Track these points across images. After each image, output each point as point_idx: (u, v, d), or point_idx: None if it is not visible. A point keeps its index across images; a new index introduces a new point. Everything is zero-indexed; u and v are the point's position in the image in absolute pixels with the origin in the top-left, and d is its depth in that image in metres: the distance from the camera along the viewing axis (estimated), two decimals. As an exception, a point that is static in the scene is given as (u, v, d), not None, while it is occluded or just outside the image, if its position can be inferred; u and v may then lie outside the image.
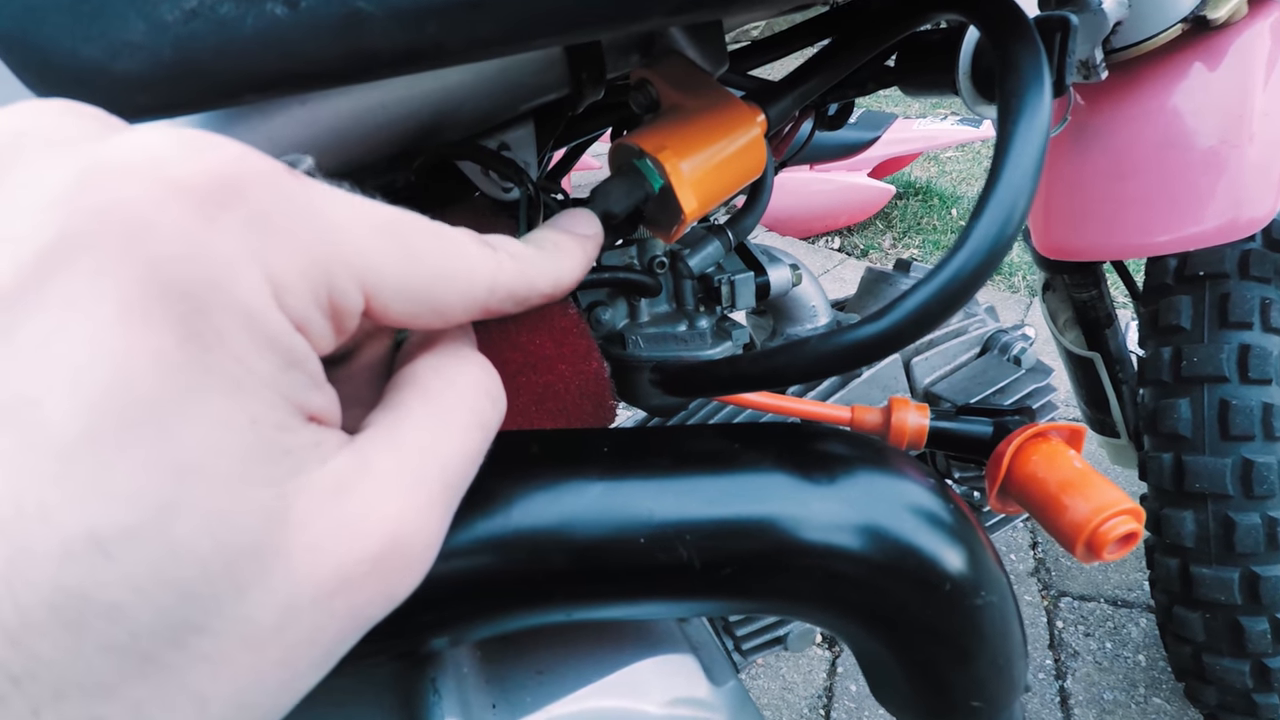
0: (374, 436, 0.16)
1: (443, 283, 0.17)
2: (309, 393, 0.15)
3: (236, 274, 0.13)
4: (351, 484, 0.15)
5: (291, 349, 0.14)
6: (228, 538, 0.13)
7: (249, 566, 0.13)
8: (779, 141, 0.53)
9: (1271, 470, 0.74)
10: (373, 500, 0.15)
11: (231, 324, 0.13)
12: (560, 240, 0.23)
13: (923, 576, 0.27)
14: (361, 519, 0.15)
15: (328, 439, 0.15)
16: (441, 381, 0.18)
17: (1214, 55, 0.62)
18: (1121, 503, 0.34)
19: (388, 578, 0.15)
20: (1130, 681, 1.19)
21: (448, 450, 0.17)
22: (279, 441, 0.14)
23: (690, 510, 0.26)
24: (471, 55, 0.23)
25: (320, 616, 0.14)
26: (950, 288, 0.24)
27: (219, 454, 0.13)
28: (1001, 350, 0.52)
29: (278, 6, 0.20)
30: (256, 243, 0.14)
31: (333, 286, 0.15)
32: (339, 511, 0.14)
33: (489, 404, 0.19)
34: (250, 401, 0.13)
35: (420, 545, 0.16)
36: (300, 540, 0.14)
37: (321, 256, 0.15)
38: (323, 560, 0.14)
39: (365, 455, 0.15)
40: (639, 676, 0.31)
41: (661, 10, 0.22)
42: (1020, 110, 0.25)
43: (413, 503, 0.16)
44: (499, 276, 0.19)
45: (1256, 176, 0.60)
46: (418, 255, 0.17)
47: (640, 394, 0.44)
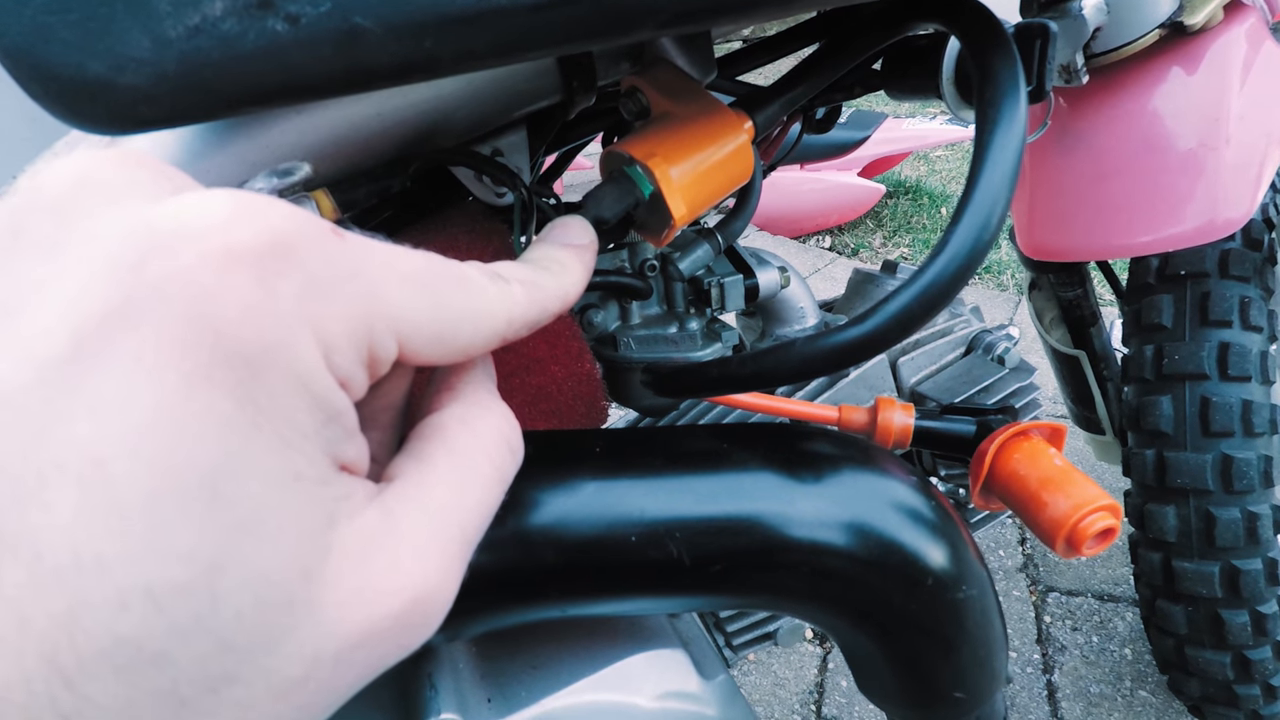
0: (400, 492, 0.17)
1: (467, 323, 0.18)
2: (344, 444, 0.16)
3: (292, 338, 0.14)
4: (379, 541, 0.15)
5: (333, 404, 0.15)
6: (266, 593, 0.13)
7: (283, 620, 0.13)
8: (767, 145, 0.54)
9: (1251, 466, 0.76)
10: (399, 559, 0.15)
11: (284, 386, 0.14)
12: (560, 256, 0.24)
13: (906, 571, 0.28)
14: (387, 578, 0.15)
15: (357, 491, 0.16)
16: (466, 434, 0.19)
17: (1191, 60, 0.63)
18: (1100, 499, 0.35)
19: (406, 633, 0.16)
20: (1117, 675, 1.21)
21: (469, 505, 0.17)
22: (317, 496, 0.14)
23: (680, 508, 0.27)
24: (465, 67, 0.23)
25: (341, 668, 0.15)
26: (931, 291, 0.25)
27: (265, 512, 0.13)
28: (986, 350, 0.53)
29: (278, 23, 0.20)
30: (310, 307, 0.14)
31: (373, 341, 0.16)
32: (367, 569, 0.15)
33: (509, 455, 0.20)
34: (295, 458, 0.14)
35: (439, 601, 0.16)
36: (331, 597, 0.14)
37: (364, 314, 0.15)
38: (349, 617, 0.14)
39: (392, 512, 0.16)
40: (631, 671, 0.32)
41: (651, 24, 0.23)
42: (997, 118, 0.26)
43: (435, 561, 0.16)
44: (514, 309, 0.20)
45: (1233, 178, 0.61)
46: (444, 301, 0.17)
47: (632, 395, 0.44)
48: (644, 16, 0.22)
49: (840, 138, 2.68)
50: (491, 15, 0.21)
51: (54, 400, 0.12)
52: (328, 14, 0.20)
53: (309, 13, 0.20)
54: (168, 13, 0.20)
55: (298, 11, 0.20)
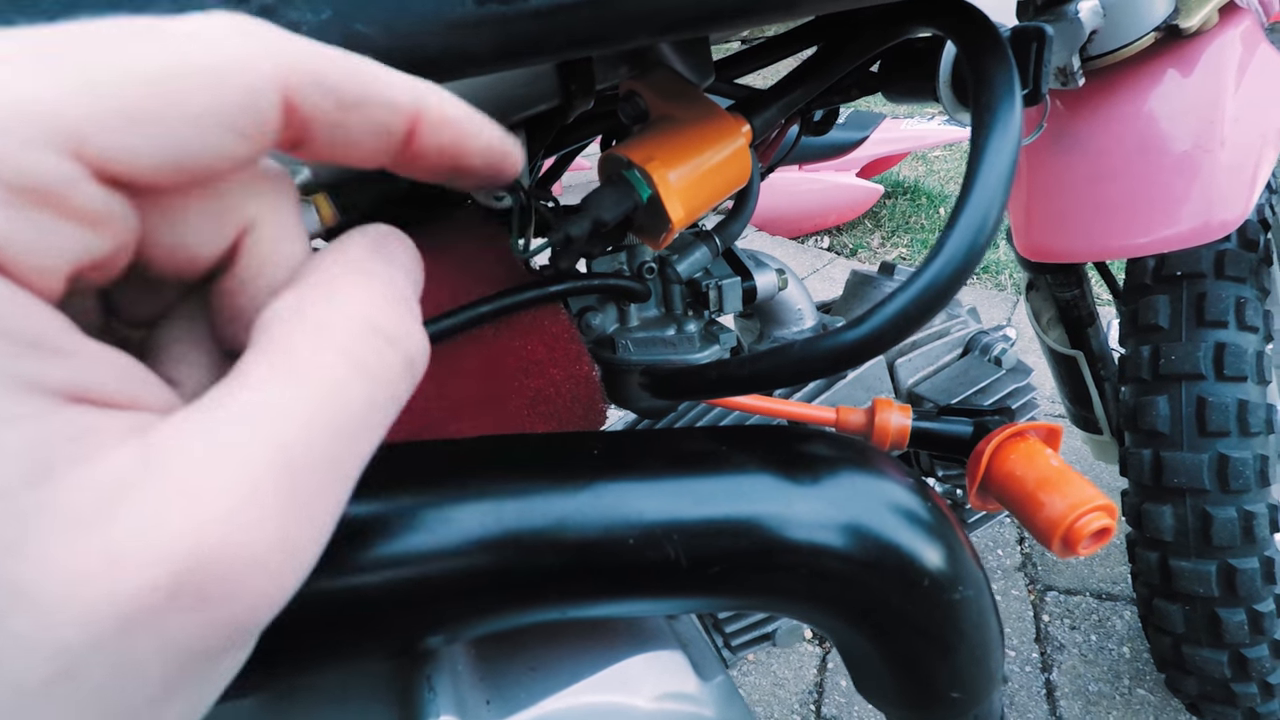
0: (186, 418, 0.12)
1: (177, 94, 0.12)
2: (36, 361, 0.11)
3: None
4: (130, 491, 0.11)
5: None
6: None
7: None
8: (765, 148, 0.54)
9: (1246, 465, 0.76)
10: (161, 509, 0.11)
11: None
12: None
13: (902, 572, 0.28)
14: (147, 536, 0.11)
15: (100, 428, 0.12)
16: (300, 323, 0.13)
17: (1187, 63, 0.63)
18: (1095, 499, 0.36)
19: (206, 604, 0.11)
20: (1115, 673, 1.21)
21: (297, 419, 0.12)
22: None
23: (678, 510, 0.27)
24: (466, 72, 0.23)
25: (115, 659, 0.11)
26: (928, 294, 0.25)
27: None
28: (983, 351, 0.53)
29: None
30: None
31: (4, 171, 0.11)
32: (112, 532, 0.11)
33: (382, 345, 0.14)
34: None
35: (252, 553, 0.12)
36: (54, 576, 0.10)
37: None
38: (93, 600, 0.11)
39: (156, 446, 0.12)
40: (629, 672, 0.32)
41: (649, 30, 0.23)
42: (992, 123, 0.26)
43: (226, 502, 0.11)
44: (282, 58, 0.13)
45: (1228, 180, 0.61)
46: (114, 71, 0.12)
47: (630, 397, 0.45)
48: (642, 23, 0.22)
49: (839, 138, 2.68)
50: (493, 22, 0.21)
51: None
52: (329, 21, 0.21)
53: (310, 20, 0.20)
54: (169, 20, 0.20)
55: (299, 18, 0.20)
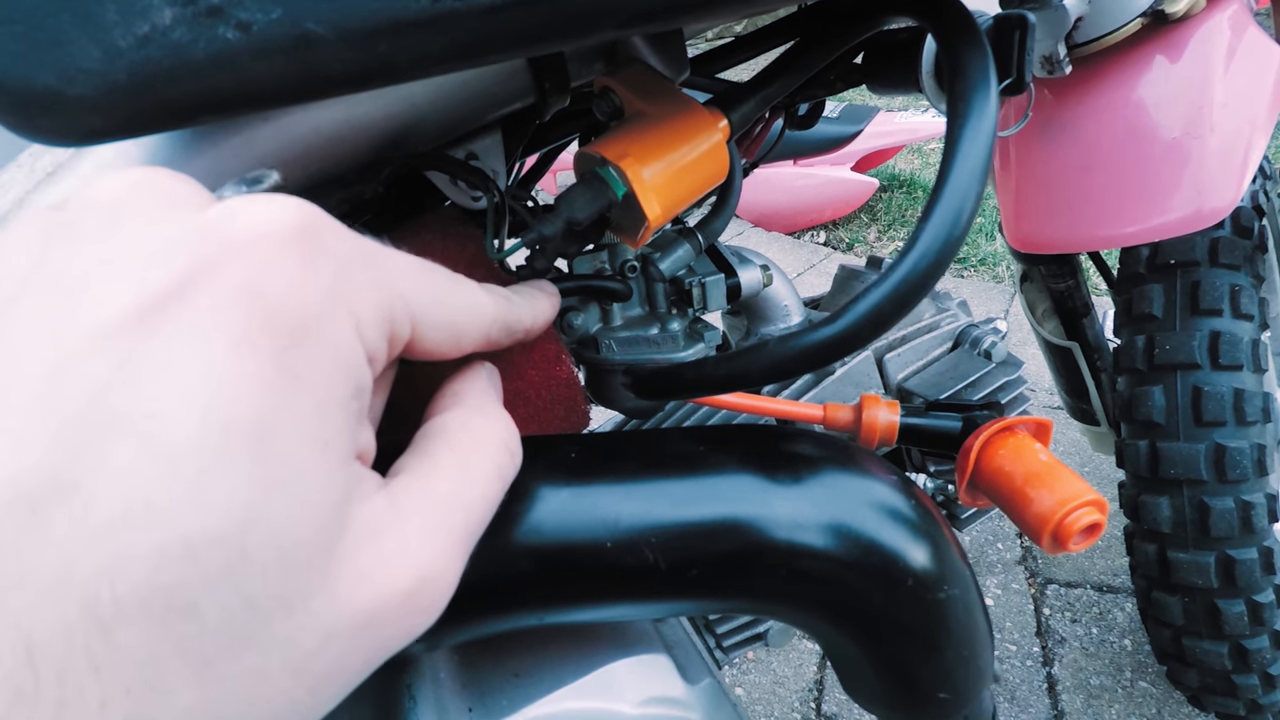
0: (407, 483, 0.18)
1: (464, 316, 0.21)
2: (361, 426, 0.17)
3: (330, 311, 0.16)
4: (388, 525, 0.16)
5: (361, 377, 0.16)
6: (289, 552, 0.14)
7: (301, 585, 0.14)
8: (749, 142, 0.54)
9: (1243, 455, 0.75)
10: (406, 542, 0.16)
11: (321, 355, 0.15)
12: (534, 292, 0.28)
13: (886, 572, 0.28)
14: (396, 560, 0.16)
15: (368, 477, 0.17)
16: (469, 435, 0.20)
17: (1174, 48, 0.63)
18: (1085, 494, 0.35)
19: (411, 615, 0.16)
20: (1116, 666, 1.21)
21: (471, 499, 0.19)
22: (341, 468, 0.15)
23: (656, 514, 0.27)
24: (425, 72, 0.23)
25: (350, 646, 0.15)
26: (902, 289, 0.25)
27: (297, 472, 0.14)
28: (972, 345, 0.52)
29: (229, 31, 0.20)
30: (344, 285, 0.16)
31: (394, 319, 0.18)
32: (378, 549, 0.16)
33: (509, 458, 0.21)
34: (327, 425, 0.15)
35: (442, 586, 0.17)
36: (344, 571, 0.15)
37: (388, 295, 0.18)
38: (360, 593, 0.15)
39: (399, 500, 0.17)
40: (614, 677, 0.31)
41: (610, 25, 0.23)
42: (967, 114, 0.26)
43: (439, 547, 0.17)
44: (498, 309, 0.23)
45: (1218, 166, 0.61)
46: (445, 292, 0.20)
47: (615, 397, 0.44)
48: (602, 17, 0.22)
49: (833, 132, 2.68)
50: (446, 19, 0.21)
51: (117, 361, 0.13)
52: (279, 21, 0.20)
53: (260, 20, 0.20)
54: (115, 22, 0.19)
55: (249, 19, 0.20)
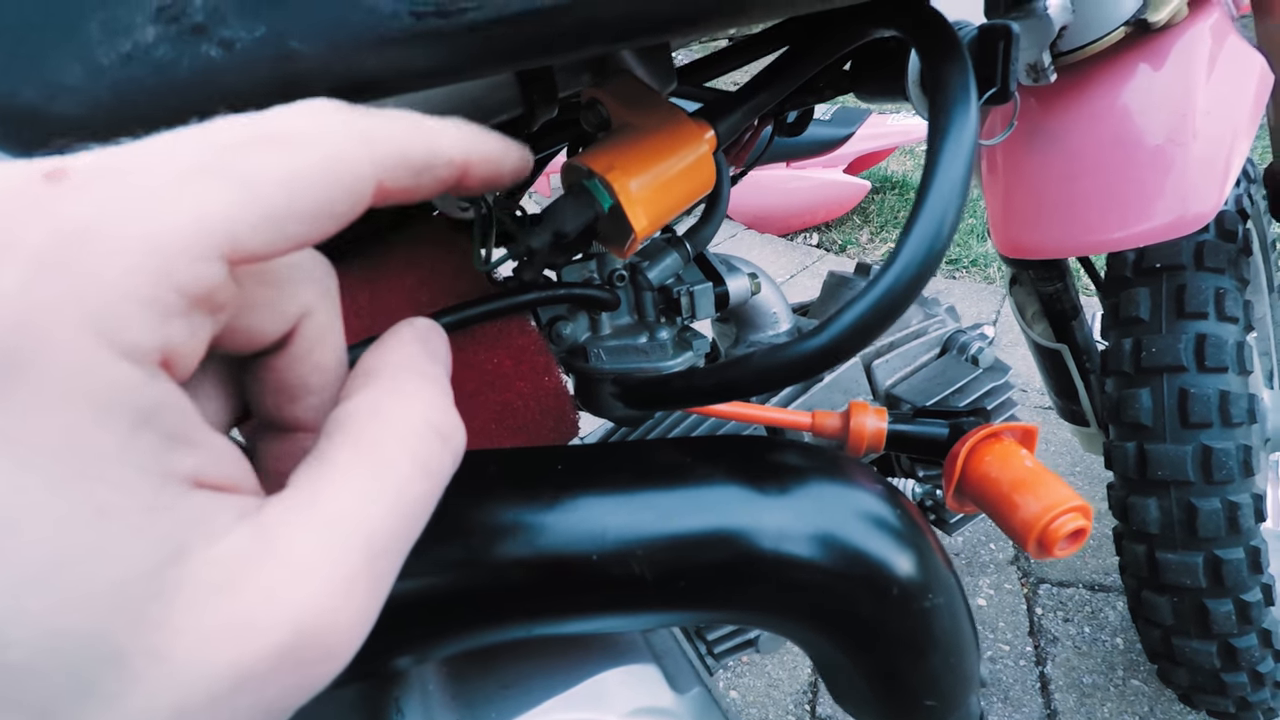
0: (286, 502, 0.14)
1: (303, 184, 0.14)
2: (176, 453, 0.13)
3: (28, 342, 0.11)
4: (250, 566, 0.13)
5: (138, 402, 0.12)
6: (75, 652, 0.11)
7: (114, 676, 0.12)
8: (738, 150, 0.54)
9: (1230, 456, 0.76)
10: (276, 585, 0.13)
11: (44, 401, 0.11)
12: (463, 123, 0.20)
13: (872, 581, 0.28)
14: (261, 608, 0.13)
15: (221, 510, 0.13)
16: (378, 424, 0.16)
17: (1158, 56, 0.63)
18: (1070, 500, 0.35)
19: (300, 669, 0.13)
20: (1109, 665, 1.21)
21: (378, 510, 0.15)
22: (144, 528, 0.12)
23: (642, 526, 0.27)
24: (409, 88, 0.23)
25: (221, 717, 0.13)
26: (886, 300, 0.25)
27: (57, 562, 0.11)
28: (960, 350, 0.53)
29: (212, 49, 0.20)
30: (51, 286, 0.11)
31: (176, 280, 0.13)
32: (232, 602, 0.13)
33: (438, 444, 0.16)
34: (94, 488, 0.11)
35: (340, 629, 0.14)
36: (183, 640, 0.12)
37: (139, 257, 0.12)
38: (214, 659, 0.12)
39: (269, 528, 0.14)
40: (603, 687, 0.31)
41: (596, 41, 0.23)
42: (948, 126, 0.26)
43: (327, 583, 0.13)
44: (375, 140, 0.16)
45: (1201, 172, 0.61)
46: (253, 174, 0.14)
47: (605, 406, 0.44)
48: (587, 34, 0.22)
49: (825, 135, 2.69)
50: (430, 36, 0.21)
51: None
52: (263, 39, 0.20)
53: (244, 38, 0.20)
54: (99, 40, 0.19)
55: (232, 36, 0.20)
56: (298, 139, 0.15)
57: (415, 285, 0.36)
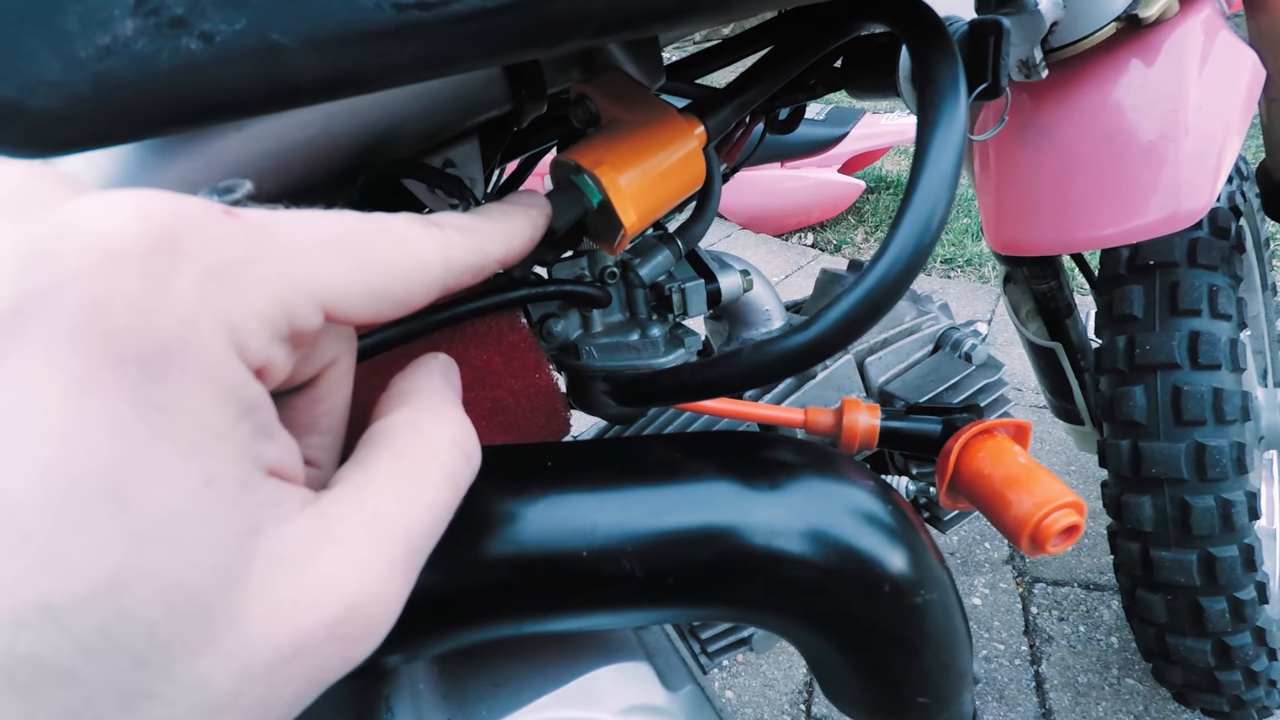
0: (339, 496, 0.16)
1: (398, 275, 0.18)
2: (265, 444, 0.15)
3: (190, 334, 0.13)
4: (312, 548, 0.15)
5: (246, 397, 0.14)
6: (179, 603, 0.13)
7: (202, 632, 0.13)
8: (729, 147, 0.54)
9: (1223, 453, 0.76)
10: (333, 566, 0.15)
11: (186, 385, 0.13)
12: (506, 209, 0.24)
13: (863, 578, 0.28)
14: (321, 585, 0.15)
15: (289, 497, 0.15)
16: (415, 437, 0.18)
17: (1149, 52, 0.63)
18: (1062, 496, 0.35)
19: (346, 643, 0.15)
20: (1104, 664, 1.22)
21: (415, 511, 0.17)
22: (237, 501, 0.14)
23: (631, 522, 0.27)
24: (395, 82, 0.23)
25: (276, 682, 0.14)
26: (874, 295, 0.25)
27: (174, 519, 0.13)
28: (953, 347, 0.53)
29: (193, 42, 0.20)
30: (210, 298, 0.14)
31: (293, 316, 0.15)
32: (299, 577, 0.14)
33: (463, 460, 0.19)
34: (207, 460, 0.13)
35: (381, 610, 0.16)
36: (256, 606, 0.14)
37: (276, 290, 0.15)
38: (279, 627, 0.14)
39: (327, 517, 0.15)
40: (595, 685, 0.31)
41: (580, 34, 0.23)
42: (937, 121, 0.26)
43: (374, 568, 0.15)
44: (450, 253, 0.19)
45: (1193, 169, 0.61)
46: (368, 256, 0.17)
47: (597, 404, 0.44)
48: (570, 26, 0.22)
49: (819, 134, 2.69)
50: (414, 29, 0.21)
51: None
52: (244, 31, 0.20)
53: (224, 30, 0.20)
54: (76, 33, 0.19)
55: (212, 29, 0.20)
56: (403, 241, 0.18)
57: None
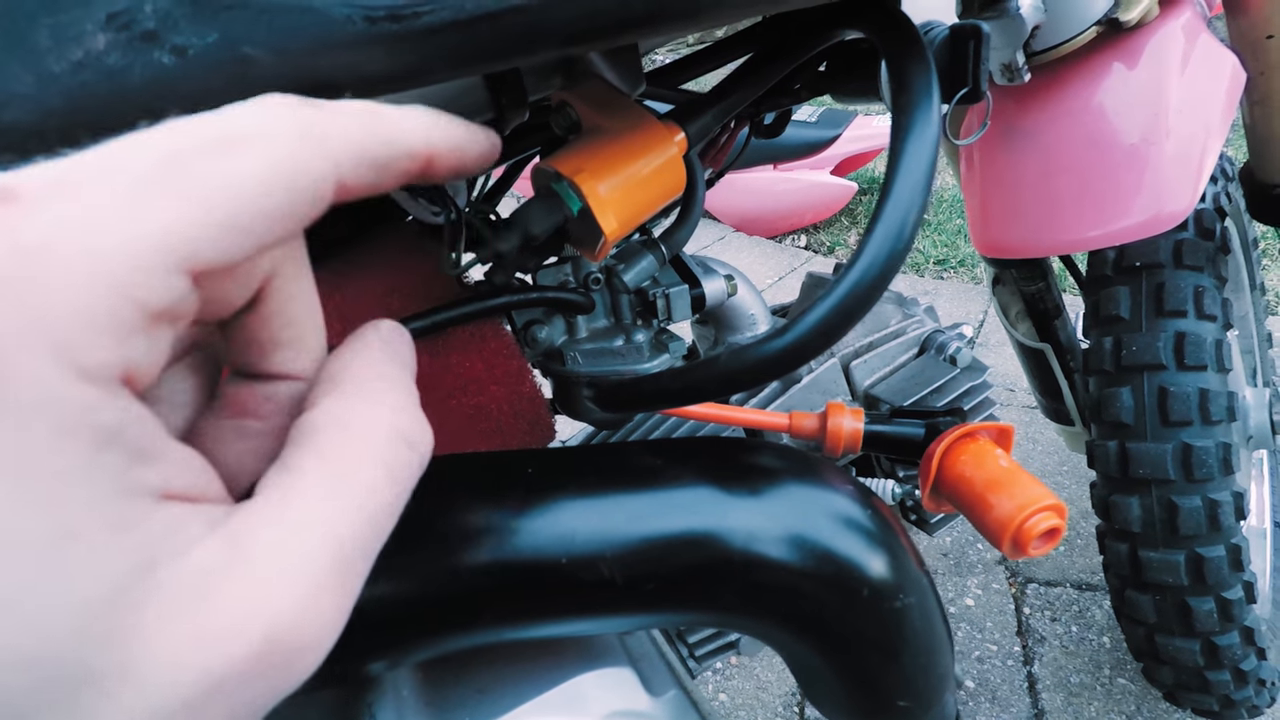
0: (254, 510, 0.14)
1: (258, 198, 0.14)
2: (141, 468, 0.13)
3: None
4: (219, 577, 0.13)
5: (102, 422, 0.12)
6: (48, 676, 0.11)
7: (85, 698, 0.12)
8: (715, 151, 0.54)
9: (1209, 454, 0.76)
10: (246, 594, 0.13)
11: (4, 425, 0.11)
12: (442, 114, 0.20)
13: (842, 582, 0.28)
14: (232, 618, 0.13)
15: (189, 521, 0.13)
16: (344, 433, 0.16)
17: (1131, 55, 0.64)
18: (1043, 499, 0.36)
19: (271, 674, 0.14)
20: (1096, 664, 1.22)
21: (346, 518, 0.15)
22: (113, 544, 0.12)
23: (612, 529, 0.27)
24: (369, 93, 0.23)
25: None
26: (848, 301, 0.25)
27: (26, 586, 0.11)
28: (938, 350, 0.53)
29: (165, 55, 0.20)
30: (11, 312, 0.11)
31: (140, 297, 0.13)
32: (205, 611, 0.13)
33: (405, 450, 0.17)
34: (59, 512, 0.12)
35: (310, 634, 0.14)
36: (154, 656, 0.12)
37: (104, 281, 0.12)
38: (186, 672, 0.12)
39: (238, 539, 0.14)
40: (578, 691, 0.31)
41: (552, 44, 0.23)
42: (910, 127, 0.26)
43: (297, 590, 0.14)
44: (332, 144, 0.16)
45: (1175, 171, 0.62)
46: (211, 188, 0.14)
47: (582, 409, 0.44)
48: (540, 38, 0.22)
49: (812, 137, 2.70)
50: (386, 41, 0.21)
51: None
52: (215, 45, 0.20)
53: (196, 44, 0.20)
54: (49, 48, 0.19)
55: (184, 43, 0.20)
56: (250, 142, 0.14)
57: (386, 291, 0.35)
